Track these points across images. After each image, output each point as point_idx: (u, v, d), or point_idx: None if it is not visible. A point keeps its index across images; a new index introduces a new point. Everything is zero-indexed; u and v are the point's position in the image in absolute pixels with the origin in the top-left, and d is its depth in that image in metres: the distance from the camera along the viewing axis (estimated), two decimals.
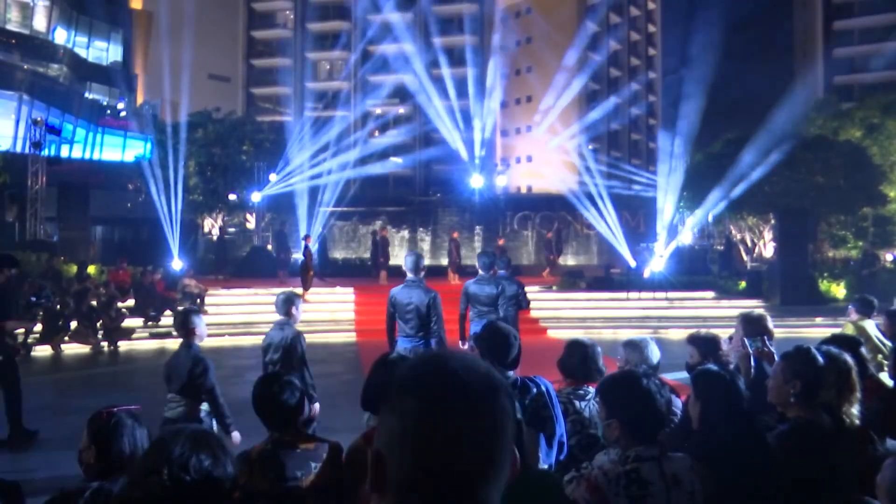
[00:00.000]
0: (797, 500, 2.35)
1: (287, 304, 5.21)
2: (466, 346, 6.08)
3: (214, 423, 4.65)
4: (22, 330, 10.84)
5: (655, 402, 2.28)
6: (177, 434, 1.94)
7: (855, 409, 2.54)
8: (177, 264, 18.22)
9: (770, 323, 3.89)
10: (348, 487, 2.58)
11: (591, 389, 3.34)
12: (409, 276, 6.23)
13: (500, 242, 19.08)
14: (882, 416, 3.10)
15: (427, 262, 28.12)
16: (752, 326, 3.81)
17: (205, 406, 4.65)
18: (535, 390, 3.01)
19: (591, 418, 3.23)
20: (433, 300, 6.08)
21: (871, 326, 5.71)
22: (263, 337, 5.36)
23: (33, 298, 11.49)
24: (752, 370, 3.62)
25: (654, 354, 3.57)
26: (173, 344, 13.63)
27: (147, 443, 2.30)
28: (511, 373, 3.13)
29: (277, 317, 5.29)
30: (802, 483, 2.35)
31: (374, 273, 20.51)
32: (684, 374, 4.37)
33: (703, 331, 4.05)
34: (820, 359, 2.56)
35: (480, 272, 7.28)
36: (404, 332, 6.14)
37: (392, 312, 6.20)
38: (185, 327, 4.70)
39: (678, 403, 3.34)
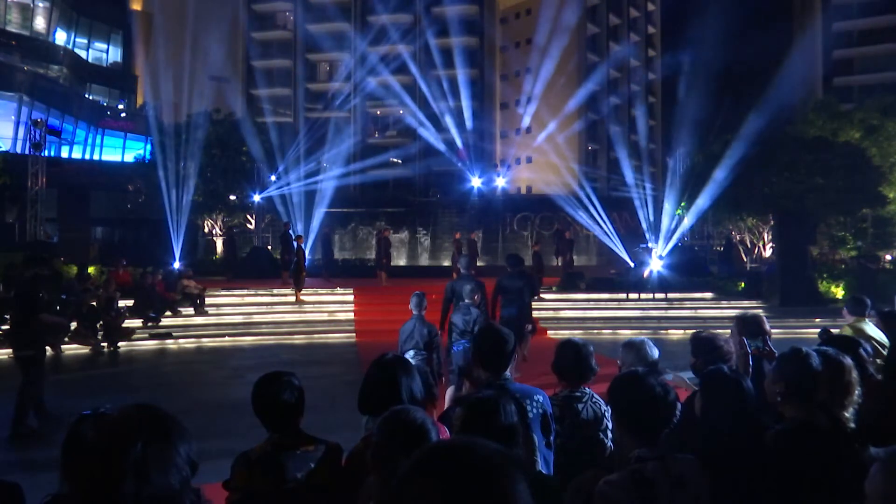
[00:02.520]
0: (792, 500, 2.36)
1: (473, 293, 7.26)
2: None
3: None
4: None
5: (656, 403, 2.26)
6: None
7: (847, 412, 2.54)
8: (179, 265, 18.24)
9: (766, 324, 3.91)
10: (347, 490, 2.59)
11: (588, 390, 3.34)
12: (463, 271, 8.61)
13: (535, 248, 20.03)
14: (881, 418, 3.10)
15: (427, 262, 27.81)
16: (748, 327, 3.83)
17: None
18: (538, 396, 3.04)
19: (588, 420, 3.24)
20: (482, 288, 8.13)
21: (870, 327, 5.57)
22: (451, 316, 7.32)
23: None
24: (751, 370, 3.63)
25: (652, 355, 3.58)
26: (174, 345, 13.71)
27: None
28: (508, 373, 3.16)
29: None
30: (796, 483, 2.35)
31: (377, 274, 20.47)
32: (685, 375, 4.37)
33: (706, 332, 4.06)
34: (812, 361, 2.56)
35: (509, 269, 9.47)
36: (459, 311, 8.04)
37: (449, 297, 8.18)
38: (420, 306, 6.47)
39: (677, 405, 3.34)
